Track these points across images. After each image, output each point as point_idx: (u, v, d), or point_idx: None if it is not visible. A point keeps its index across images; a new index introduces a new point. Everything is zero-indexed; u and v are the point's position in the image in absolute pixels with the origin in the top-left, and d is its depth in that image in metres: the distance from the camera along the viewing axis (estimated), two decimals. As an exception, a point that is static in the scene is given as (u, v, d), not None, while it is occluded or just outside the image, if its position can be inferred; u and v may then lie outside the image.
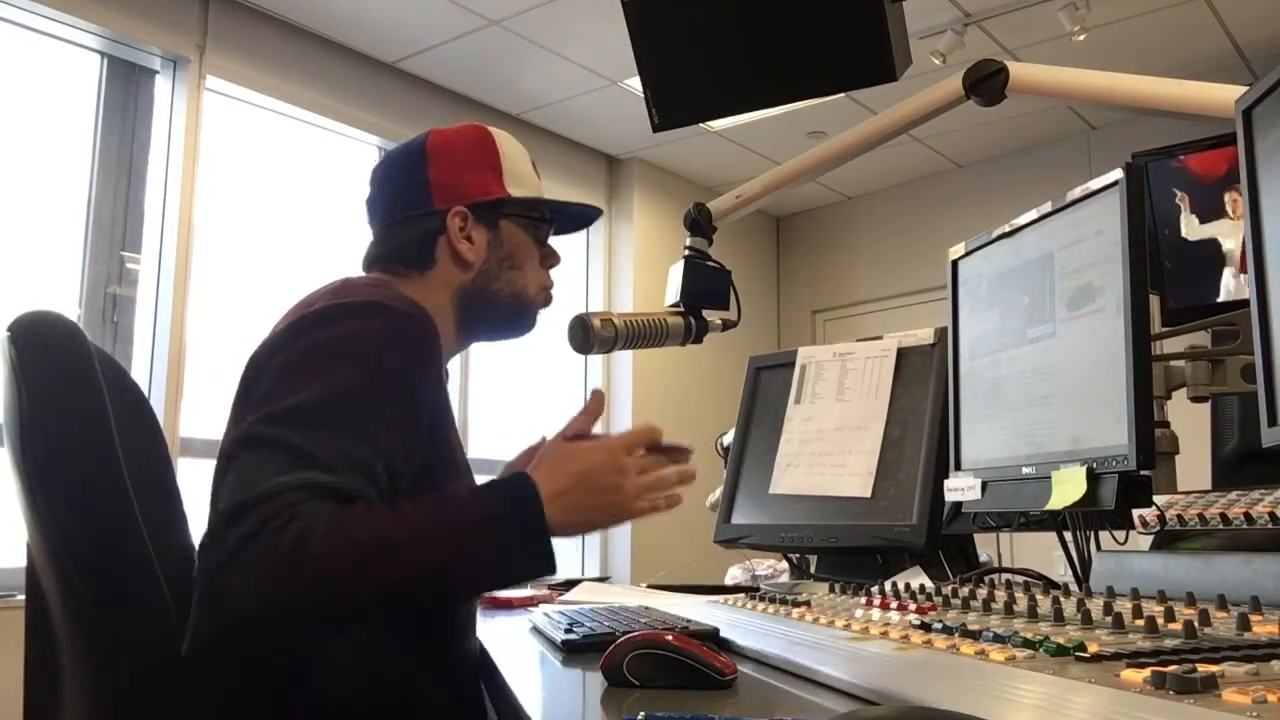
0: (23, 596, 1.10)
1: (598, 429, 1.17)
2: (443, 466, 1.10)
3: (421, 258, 1.22)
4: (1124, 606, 0.85)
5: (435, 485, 1.07)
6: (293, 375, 0.98)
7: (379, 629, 1.02)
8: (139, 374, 3.36)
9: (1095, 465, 1.07)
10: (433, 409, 1.08)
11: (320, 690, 1.02)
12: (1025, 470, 1.21)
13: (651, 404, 5.04)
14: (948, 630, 0.81)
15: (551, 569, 0.97)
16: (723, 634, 1.06)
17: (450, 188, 1.23)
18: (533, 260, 1.29)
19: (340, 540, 0.88)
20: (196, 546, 1.05)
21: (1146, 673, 0.57)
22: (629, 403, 5.02)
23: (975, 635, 0.78)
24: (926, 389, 1.59)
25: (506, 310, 1.27)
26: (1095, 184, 1.15)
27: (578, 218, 1.38)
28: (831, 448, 1.67)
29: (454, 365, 1.17)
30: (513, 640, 1.25)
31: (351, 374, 0.99)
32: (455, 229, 1.22)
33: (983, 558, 1.67)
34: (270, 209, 3.92)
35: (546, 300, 1.31)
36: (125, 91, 3.55)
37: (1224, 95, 1.17)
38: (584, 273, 5.31)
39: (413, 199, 1.24)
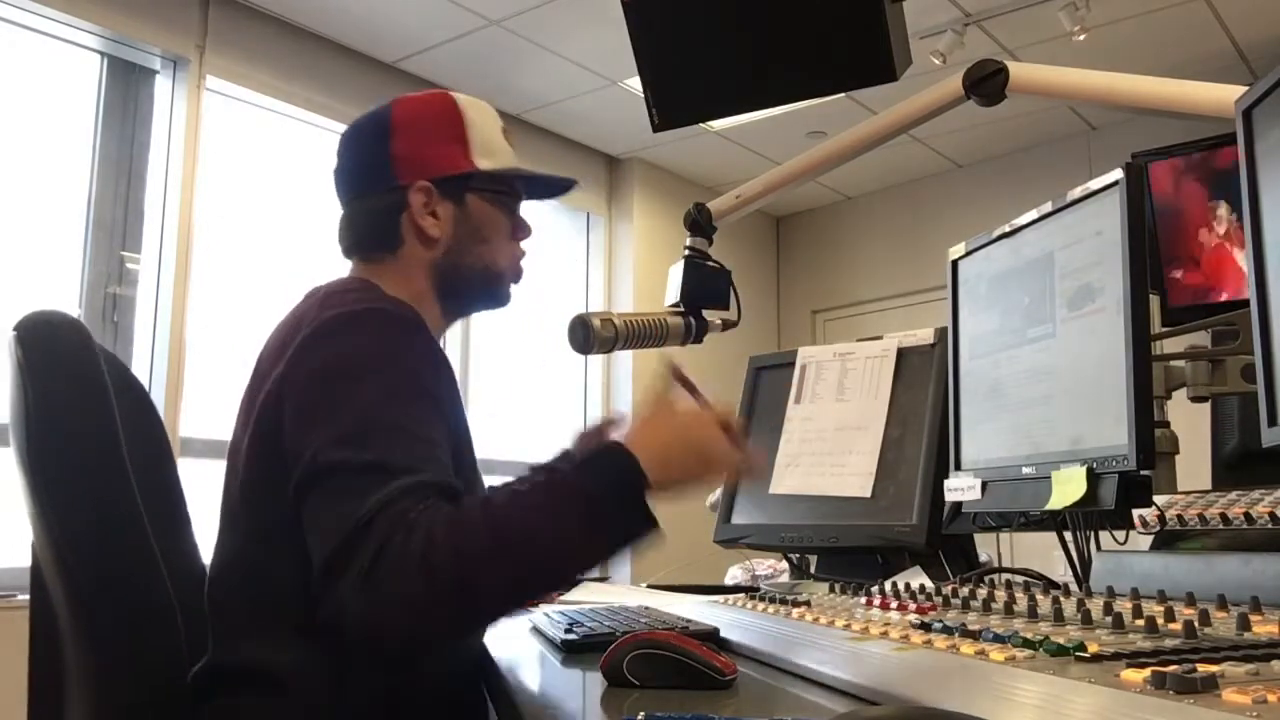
0: (27, 596, 1.10)
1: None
2: (462, 459, 1.11)
3: (388, 236, 1.20)
4: (1124, 606, 0.85)
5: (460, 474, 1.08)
6: (325, 398, 0.99)
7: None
8: (139, 374, 3.33)
9: (1095, 465, 1.07)
10: (450, 400, 1.10)
11: (321, 691, 1.02)
12: (1025, 470, 1.21)
13: (651, 404, 5.03)
14: (948, 630, 0.81)
15: (655, 527, 0.96)
16: (723, 634, 1.06)
17: (414, 162, 1.20)
18: (502, 233, 1.26)
19: (461, 538, 0.89)
20: (211, 554, 1.05)
21: (1146, 673, 0.57)
22: (629, 402, 5.02)
23: (975, 635, 0.78)
24: (926, 389, 1.59)
25: (479, 283, 1.24)
26: (1095, 184, 1.15)
27: (550, 185, 1.35)
28: (831, 448, 1.67)
29: (454, 366, 1.17)
30: (513, 640, 1.25)
31: (380, 381, 1.00)
32: (419, 205, 1.19)
33: (983, 558, 1.67)
34: (270, 209, 3.91)
35: (518, 274, 1.28)
36: (125, 91, 3.55)
37: (1224, 95, 1.17)
38: (584, 273, 5.31)
39: (376, 173, 1.21)
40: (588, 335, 1.51)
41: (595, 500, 0.94)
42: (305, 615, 0.99)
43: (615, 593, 1.85)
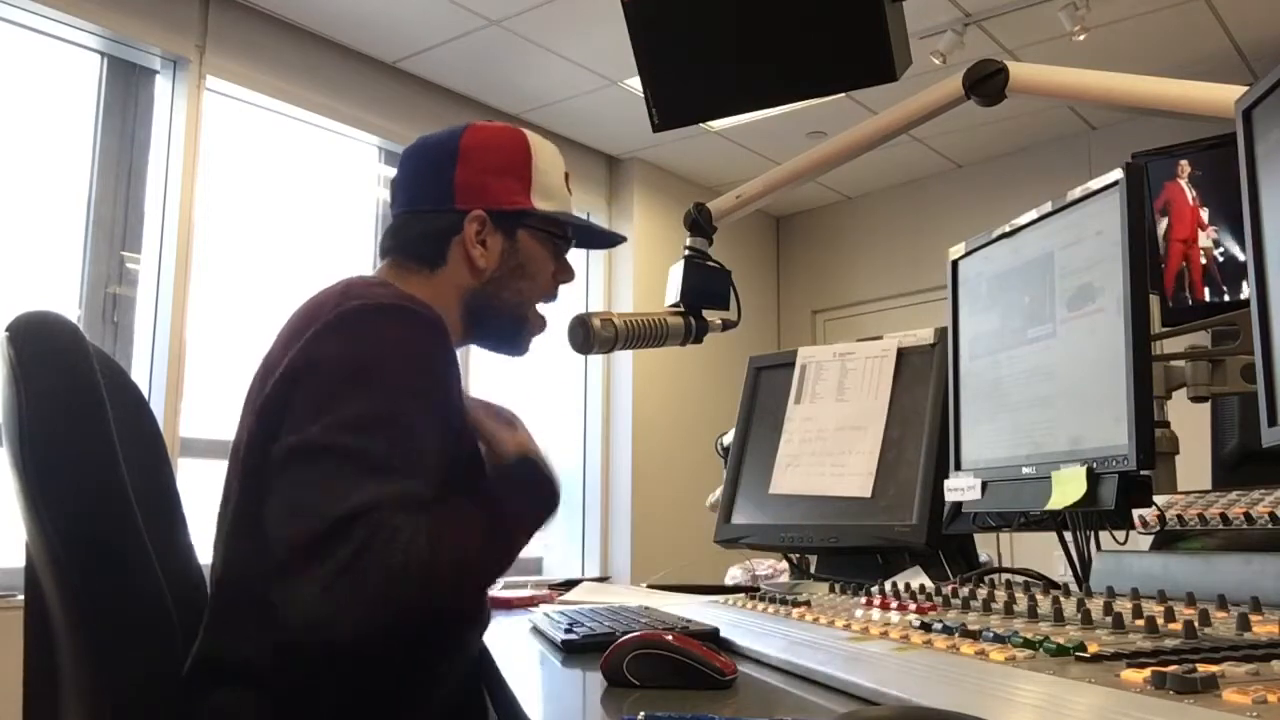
0: (22, 596, 1.10)
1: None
2: (468, 458, 1.14)
3: (434, 255, 1.22)
4: (1124, 606, 0.85)
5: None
6: (339, 383, 1.00)
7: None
8: (139, 374, 3.36)
9: (1095, 465, 1.07)
10: (460, 403, 1.11)
11: (320, 690, 1.01)
12: (1025, 470, 1.21)
13: (651, 404, 5.04)
14: (948, 630, 0.81)
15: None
16: (723, 634, 1.06)
17: (474, 190, 1.23)
18: (545, 273, 1.29)
19: (444, 550, 0.93)
20: (221, 556, 1.07)
21: (1146, 673, 0.57)
22: (629, 402, 5.02)
23: (975, 635, 0.78)
24: (926, 389, 1.58)
25: (506, 322, 1.27)
26: (1095, 184, 1.14)
27: (599, 237, 1.40)
28: (831, 448, 1.66)
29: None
30: (513, 640, 1.25)
31: (396, 379, 1.01)
32: (471, 233, 1.21)
33: (983, 558, 1.67)
34: (270, 209, 3.91)
35: (541, 325, 1.31)
36: (125, 91, 3.55)
37: (1224, 95, 1.17)
38: (584, 273, 5.31)
39: (435, 193, 1.23)
40: (588, 335, 1.51)
41: (538, 494, 1.11)
42: None
43: (615, 593, 1.85)
